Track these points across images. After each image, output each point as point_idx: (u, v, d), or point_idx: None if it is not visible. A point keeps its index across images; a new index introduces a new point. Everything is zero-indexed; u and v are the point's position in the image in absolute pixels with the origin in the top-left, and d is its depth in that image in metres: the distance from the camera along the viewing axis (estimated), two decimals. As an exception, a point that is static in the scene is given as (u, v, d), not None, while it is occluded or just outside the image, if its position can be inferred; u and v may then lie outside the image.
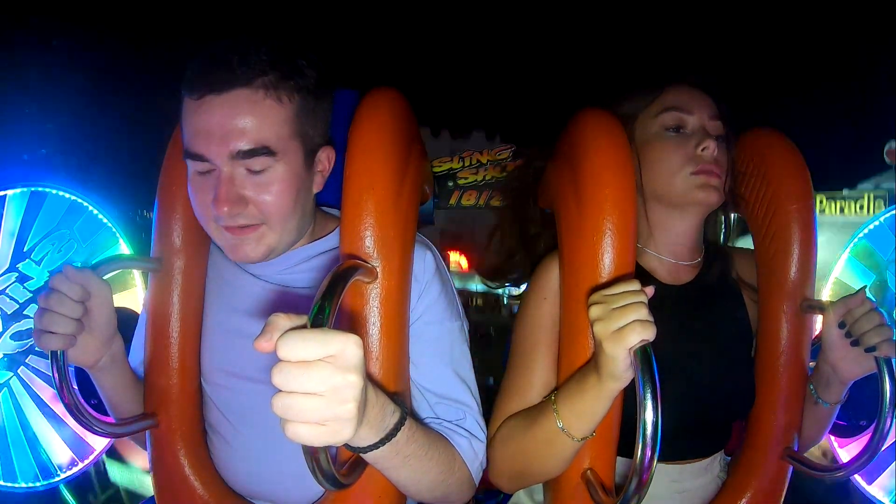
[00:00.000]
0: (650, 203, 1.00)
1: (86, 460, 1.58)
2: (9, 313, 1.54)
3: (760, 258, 1.03)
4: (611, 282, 0.81)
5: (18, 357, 1.54)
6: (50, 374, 0.83)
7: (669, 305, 0.76)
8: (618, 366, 0.72)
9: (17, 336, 1.54)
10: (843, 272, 1.51)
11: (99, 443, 1.58)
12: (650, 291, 0.75)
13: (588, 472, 0.85)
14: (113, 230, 1.58)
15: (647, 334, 0.70)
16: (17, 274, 1.55)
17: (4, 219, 1.55)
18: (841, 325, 0.92)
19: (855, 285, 1.51)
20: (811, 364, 1.02)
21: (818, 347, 0.99)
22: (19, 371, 1.54)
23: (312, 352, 0.51)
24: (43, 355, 1.52)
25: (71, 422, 1.40)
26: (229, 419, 0.95)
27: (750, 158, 1.04)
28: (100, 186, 1.67)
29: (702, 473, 1.01)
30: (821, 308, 0.96)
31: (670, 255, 1.02)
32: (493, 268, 1.15)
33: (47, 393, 1.53)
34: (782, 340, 0.99)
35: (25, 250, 1.55)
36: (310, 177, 0.89)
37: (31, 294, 1.54)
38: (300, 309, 0.58)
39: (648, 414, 0.67)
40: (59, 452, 1.56)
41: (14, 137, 2.05)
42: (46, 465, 1.56)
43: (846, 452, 1.44)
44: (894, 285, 1.47)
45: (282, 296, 0.93)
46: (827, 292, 1.51)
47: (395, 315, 0.83)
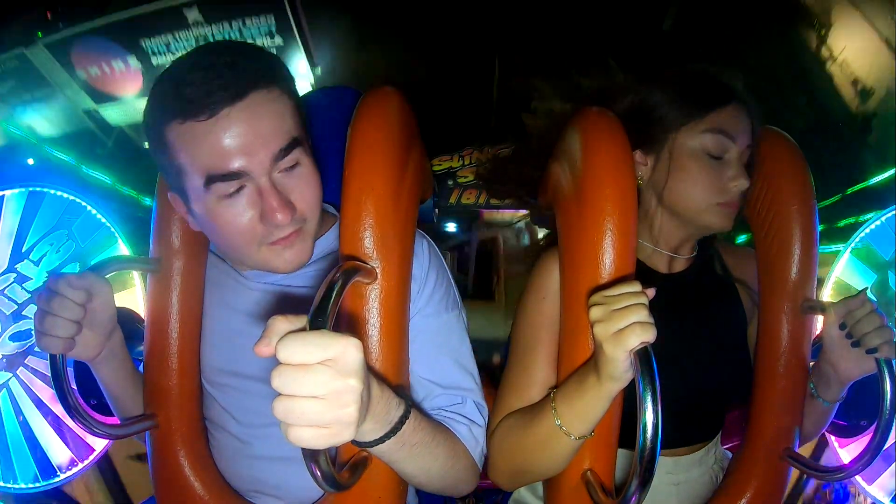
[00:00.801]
0: (663, 209, 1.00)
1: (86, 460, 1.58)
2: (7, 314, 1.54)
3: (761, 258, 1.04)
4: (611, 282, 0.81)
5: (17, 358, 1.54)
6: (49, 375, 0.83)
7: (663, 294, 0.77)
8: (617, 367, 0.72)
9: (16, 337, 1.54)
10: (844, 272, 1.50)
11: (99, 443, 1.58)
12: (651, 293, 0.75)
13: (588, 473, 0.85)
14: (112, 230, 1.58)
15: (648, 336, 0.70)
16: (16, 275, 1.54)
17: (2, 219, 1.54)
18: (842, 327, 0.92)
19: (855, 285, 1.50)
20: (811, 364, 1.02)
21: (819, 347, 0.99)
22: (18, 372, 1.54)
23: (312, 355, 0.51)
24: (42, 356, 1.52)
25: (70, 422, 1.40)
26: (234, 417, 0.95)
27: None
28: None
29: (696, 465, 1.02)
30: (821, 308, 0.96)
31: (666, 248, 1.04)
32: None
33: (46, 394, 1.53)
34: (782, 341, 0.99)
35: (24, 251, 1.54)
36: None
37: (30, 295, 1.53)
38: (300, 309, 0.58)
39: (648, 415, 0.67)
40: (59, 453, 1.56)
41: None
42: (46, 466, 1.56)
43: (847, 453, 1.44)
44: (895, 285, 1.47)
45: (282, 295, 0.93)
46: (827, 292, 1.51)
47: (395, 316, 0.83)
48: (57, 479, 1.56)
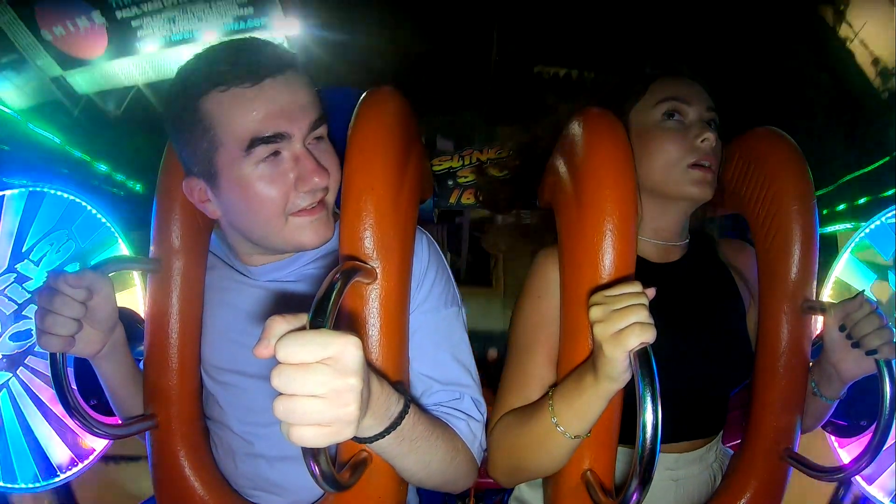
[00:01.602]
0: (644, 194, 1.00)
1: (86, 461, 1.58)
2: (7, 314, 1.54)
3: (761, 258, 1.03)
4: (611, 282, 0.81)
5: (17, 358, 1.54)
6: (49, 375, 0.83)
7: (656, 283, 0.77)
8: (616, 367, 0.72)
9: (17, 337, 1.54)
10: (844, 272, 1.50)
11: (99, 443, 1.58)
12: (651, 293, 0.74)
13: (588, 473, 0.85)
14: (111, 230, 1.58)
15: (648, 337, 0.69)
16: (16, 275, 1.54)
17: (2, 219, 1.55)
18: (841, 329, 0.92)
19: (856, 285, 1.50)
20: (812, 363, 1.02)
21: (819, 347, 0.99)
22: (18, 372, 1.54)
23: (311, 354, 0.51)
24: (42, 356, 1.52)
25: (70, 422, 1.40)
26: (235, 415, 0.96)
27: (750, 158, 1.04)
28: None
29: (697, 462, 1.02)
30: (821, 309, 0.96)
31: (658, 238, 1.04)
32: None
33: (46, 394, 1.53)
34: (782, 341, 0.98)
35: (24, 251, 1.54)
36: None
37: (30, 294, 1.53)
38: (301, 308, 0.58)
39: (648, 415, 0.67)
40: (59, 453, 1.56)
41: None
42: (46, 466, 1.56)
43: (846, 453, 1.44)
44: (895, 285, 1.47)
45: (282, 295, 0.94)
46: (827, 292, 1.51)
47: (395, 316, 0.83)
48: (57, 479, 1.57)
